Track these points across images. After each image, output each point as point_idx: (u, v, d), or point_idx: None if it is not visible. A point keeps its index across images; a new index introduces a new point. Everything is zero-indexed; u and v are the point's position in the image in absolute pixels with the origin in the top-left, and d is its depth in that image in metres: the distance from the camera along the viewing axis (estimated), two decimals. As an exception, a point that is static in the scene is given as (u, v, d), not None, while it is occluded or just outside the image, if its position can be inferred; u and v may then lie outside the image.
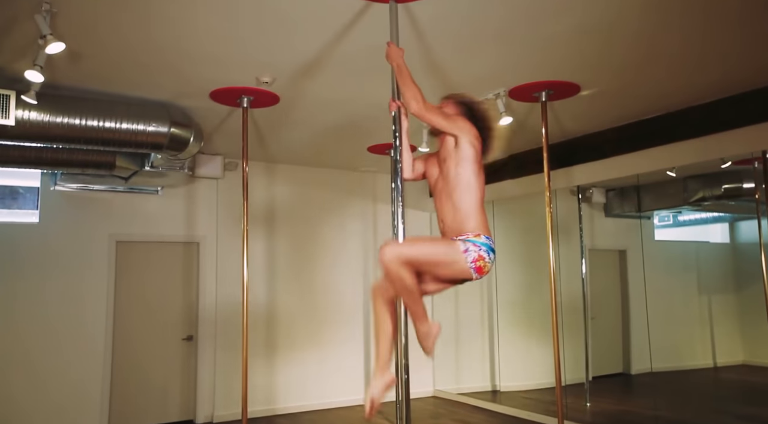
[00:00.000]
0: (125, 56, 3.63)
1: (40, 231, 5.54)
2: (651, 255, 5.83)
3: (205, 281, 6.24)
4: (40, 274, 5.49)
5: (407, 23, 3.15)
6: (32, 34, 3.09)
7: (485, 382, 7.13)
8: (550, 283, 4.28)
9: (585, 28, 3.28)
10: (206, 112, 4.73)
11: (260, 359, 6.35)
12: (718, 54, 3.67)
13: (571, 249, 6.28)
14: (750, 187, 4.82)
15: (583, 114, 4.95)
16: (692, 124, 4.66)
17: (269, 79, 4.02)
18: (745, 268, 5.76)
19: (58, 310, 5.53)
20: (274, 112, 4.76)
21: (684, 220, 6.30)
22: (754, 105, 4.26)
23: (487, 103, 2.56)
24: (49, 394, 5.40)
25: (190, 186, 6.29)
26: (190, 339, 6.16)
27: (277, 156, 6.46)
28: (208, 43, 3.43)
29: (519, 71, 3.97)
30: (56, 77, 3.89)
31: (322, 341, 6.76)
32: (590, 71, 3.97)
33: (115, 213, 5.90)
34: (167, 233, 6.14)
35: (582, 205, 6.24)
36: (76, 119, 4.04)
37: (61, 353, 5.50)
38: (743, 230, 5.89)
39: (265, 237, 6.59)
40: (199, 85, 4.15)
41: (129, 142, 4.30)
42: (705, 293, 6.29)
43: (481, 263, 2.32)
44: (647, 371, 5.78)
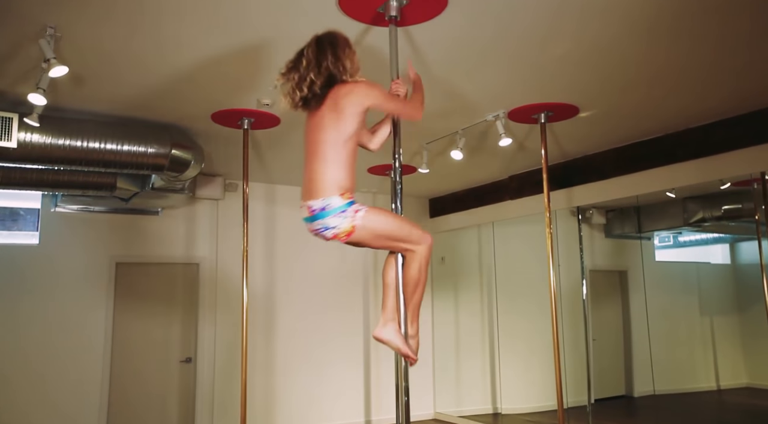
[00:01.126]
0: (127, 79, 3.67)
1: (40, 253, 5.54)
2: (652, 276, 5.81)
3: (205, 302, 6.21)
4: (39, 295, 5.47)
5: (407, 47, 3.19)
6: (36, 58, 3.13)
7: (486, 404, 7.06)
8: (551, 304, 4.26)
9: (583, 51, 3.32)
10: (207, 133, 4.76)
11: (259, 380, 6.29)
12: (716, 77, 3.70)
13: (572, 270, 6.26)
14: (750, 207, 4.82)
15: (583, 135, 4.97)
16: (691, 145, 4.68)
17: (270, 101, 4.05)
18: (746, 289, 5.74)
19: (57, 331, 5.50)
20: (275, 134, 4.79)
21: (684, 241, 6.29)
22: (751, 127, 4.29)
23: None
24: (48, 415, 5.34)
25: (191, 207, 6.30)
26: (188, 361, 6.11)
27: (277, 177, 6.47)
28: (208, 66, 3.47)
29: (518, 93, 4.00)
30: (58, 100, 3.92)
31: (322, 363, 6.70)
32: (588, 93, 4.00)
33: (116, 234, 5.90)
34: (167, 254, 6.13)
35: (582, 225, 6.24)
36: (78, 141, 4.06)
37: (59, 375, 5.45)
38: (744, 250, 5.88)
39: (265, 258, 6.57)
40: (201, 107, 4.18)
41: (130, 164, 4.31)
42: (707, 314, 6.26)
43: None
44: (650, 394, 5.72)
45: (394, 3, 2.69)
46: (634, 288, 6.18)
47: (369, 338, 7.03)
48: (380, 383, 6.96)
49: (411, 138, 4.87)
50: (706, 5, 2.79)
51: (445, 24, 2.96)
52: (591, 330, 6.15)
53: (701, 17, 2.92)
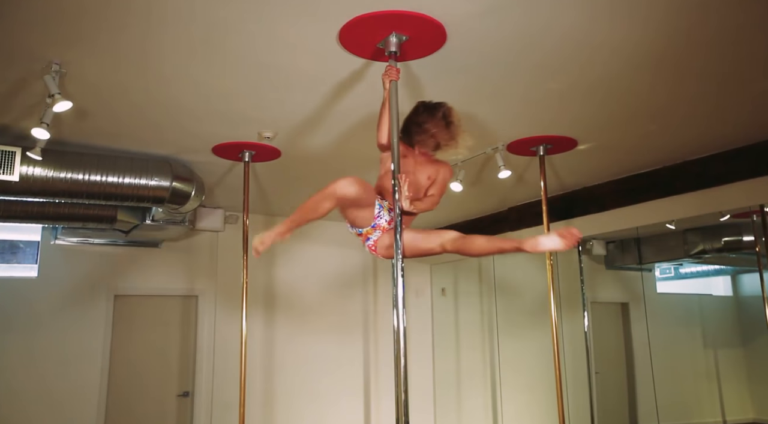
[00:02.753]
0: (129, 113, 3.71)
1: (39, 286, 5.51)
2: (654, 308, 5.77)
3: (203, 336, 6.15)
4: (36, 329, 5.42)
5: (407, 81, 3.23)
6: (40, 94, 3.17)
7: (489, 441, 6.93)
8: (552, 336, 4.22)
9: (581, 85, 3.36)
10: (208, 166, 4.79)
11: (258, 416, 6.19)
12: (717, 112, 3.74)
13: (573, 302, 6.21)
14: (750, 240, 4.82)
15: (582, 167, 5.00)
16: (690, 177, 4.70)
17: (271, 134, 4.09)
18: (749, 321, 5.68)
19: (54, 365, 5.44)
20: (276, 166, 4.81)
21: (685, 272, 6.26)
22: (750, 160, 4.31)
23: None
24: (40, 454, 5.24)
25: (191, 239, 6.29)
26: (186, 395, 6.02)
27: (277, 209, 6.49)
28: (210, 100, 3.51)
29: (517, 126, 4.04)
30: (62, 134, 3.96)
31: (323, 398, 6.60)
32: (587, 126, 4.03)
33: (115, 267, 5.88)
34: (166, 287, 6.10)
35: (582, 257, 6.22)
36: (80, 174, 4.08)
37: (55, 409, 5.37)
38: (746, 282, 5.84)
39: (265, 290, 6.54)
40: (202, 140, 4.21)
41: (131, 197, 4.33)
42: (710, 347, 6.18)
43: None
44: (655, 429, 5.62)
45: (393, 39, 2.74)
46: (636, 320, 6.13)
47: (369, 372, 6.94)
48: (380, 417, 6.84)
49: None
50: (708, 41, 2.83)
51: (444, 58, 3.00)
52: (593, 363, 6.07)
53: (702, 54, 2.95)
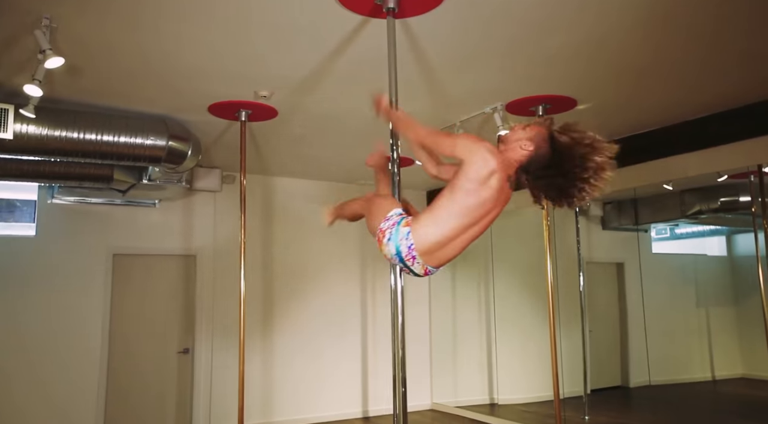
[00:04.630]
0: (124, 71, 3.65)
1: (37, 244, 5.53)
2: (648, 268, 5.84)
3: (203, 294, 6.22)
4: (36, 287, 5.46)
5: (404, 38, 3.17)
6: (32, 49, 3.10)
7: (483, 395, 7.10)
8: (548, 296, 4.28)
9: (581, 44, 3.31)
10: (204, 125, 4.74)
11: (257, 371, 6.32)
12: (713, 70, 3.70)
13: (569, 262, 6.27)
14: (746, 200, 4.84)
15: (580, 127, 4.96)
16: (688, 138, 4.68)
17: (267, 93, 4.04)
18: (742, 281, 5.76)
19: (55, 322, 5.50)
20: (272, 126, 4.77)
21: (681, 233, 6.31)
22: (749, 120, 4.29)
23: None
24: (46, 407, 5.36)
25: (188, 199, 6.29)
26: (186, 352, 6.13)
27: (274, 169, 6.46)
28: (206, 57, 3.45)
29: (516, 85, 4.00)
30: (55, 91, 3.90)
31: (320, 354, 6.72)
32: (587, 86, 3.99)
33: (113, 226, 5.89)
34: (165, 246, 6.13)
35: (579, 218, 6.25)
36: (74, 133, 4.04)
37: (57, 367, 5.46)
38: (740, 243, 5.90)
39: (263, 250, 6.58)
40: (198, 99, 4.16)
41: (127, 156, 4.30)
42: (703, 305, 6.29)
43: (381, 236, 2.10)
44: (645, 384, 5.76)
45: (392, -6, 2.68)
46: (631, 280, 6.21)
47: (366, 329, 7.05)
48: (377, 374, 6.99)
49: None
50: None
51: (442, 16, 2.95)
52: (588, 321, 6.18)
53: (697, 10, 2.91)
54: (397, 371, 5.26)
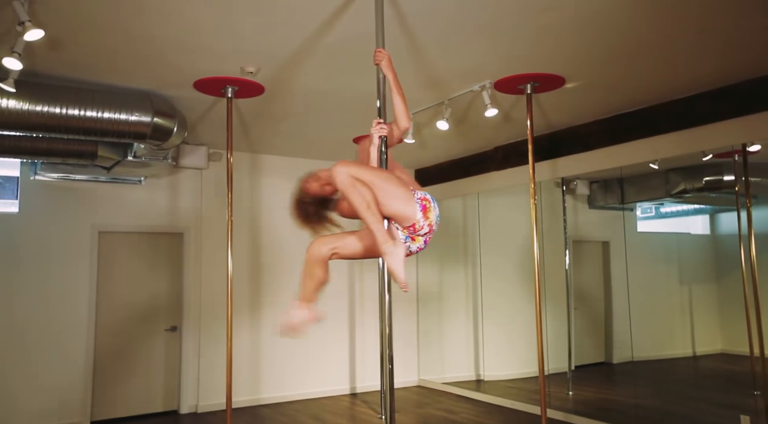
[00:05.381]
0: (106, 44, 3.58)
1: (21, 221, 5.47)
2: (633, 246, 5.90)
3: (189, 272, 6.20)
4: (20, 265, 5.42)
5: (393, 15, 3.14)
6: (10, 21, 3.03)
7: (469, 371, 7.20)
8: (534, 274, 4.32)
9: (570, 21, 3.30)
10: (190, 101, 4.68)
11: (244, 349, 6.35)
12: (700, 49, 3.71)
13: (556, 240, 6.33)
14: (730, 179, 4.89)
15: (568, 107, 4.98)
16: (674, 117, 4.71)
17: (254, 69, 3.99)
18: (724, 258, 5.85)
19: (40, 301, 5.47)
20: (259, 103, 4.73)
21: (666, 212, 6.37)
22: (734, 99, 4.32)
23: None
24: (30, 386, 5.35)
25: (174, 176, 6.24)
26: (174, 330, 6.13)
27: (262, 147, 6.42)
28: (190, 31, 3.39)
29: (505, 63, 3.98)
30: (36, 65, 3.82)
31: (308, 332, 6.74)
32: (575, 64, 3.98)
33: (98, 203, 5.83)
34: (151, 224, 6.09)
35: (566, 196, 6.29)
36: (57, 108, 3.97)
37: (41, 345, 5.45)
38: (723, 221, 5.97)
39: (250, 228, 6.56)
40: (183, 74, 4.10)
41: (111, 132, 4.24)
42: (685, 283, 6.39)
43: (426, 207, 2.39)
44: (628, 361, 5.86)
45: (380, -31, 2.64)
46: (616, 258, 6.28)
47: (354, 306, 7.09)
48: (365, 351, 7.05)
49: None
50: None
51: (432, -9, 2.91)
52: (573, 299, 6.26)
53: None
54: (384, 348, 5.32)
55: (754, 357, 4.63)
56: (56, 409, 5.44)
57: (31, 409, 5.33)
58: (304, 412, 6.07)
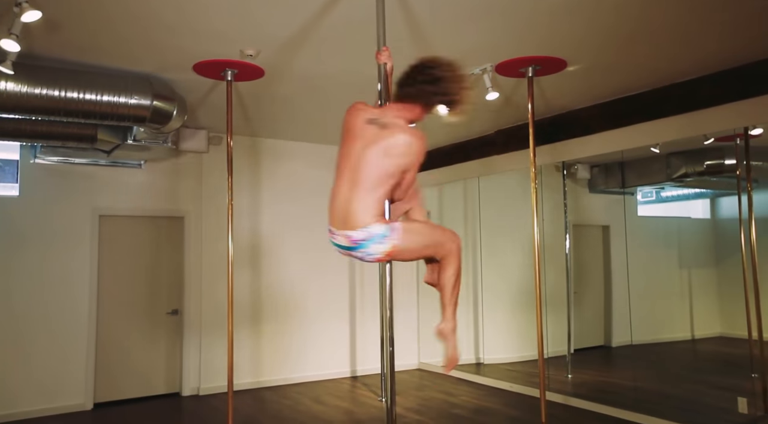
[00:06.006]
0: (105, 26, 3.55)
1: (21, 204, 5.47)
2: (633, 231, 5.91)
3: (190, 256, 6.22)
4: (21, 247, 5.43)
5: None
6: (7, 2, 3.01)
7: (469, 354, 7.24)
8: (534, 258, 4.33)
9: (572, 4, 3.26)
10: (190, 85, 4.66)
11: (246, 332, 6.38)
12: (702, 31, 3.68)
13: (556, 224, 6.33)
14: (731, 163, 4.88)
15: (570, 90, 4.95)
16: (676, 100, 4.68)
17: (254, 52, 3.96)
18: (724, 242, 5.87)
19: (41, 284, 5.49)
20: (259, 86, 4.70)
21: (666, 196, 6.37)
22: (736, 82, 4.29)
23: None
24: (32, 370, 5.39)
25: (174, 160, 6.23)
26: (175, 313, 6.16)
27: (262, 131, 6.40)
28: (190, 13, 3.36)
29: (506, 46, 3.95)
30: (34, 47, 3.80)
31: (308, 315, 6.79)
32: (577, 47, 3.95)
33: (98, 187, 5.83)
34: (151, 208, 6.09)
35: (567, 181, 6.28)
36: (56, 91, 3.96)
37: (43, 328, 5.48)
38: (724, 205, 5.98)
39: (250, 212, 6.56)
40: (182, 57, 4.07)
41: (110, 115, 4.23)
42: (685, 267, 6.41)
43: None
44: (627, 344, 5.91)
45: (380, -49, 2.61)
46: (616, 243, 6.29)
47: (354, 289, 7.12)
48: (366, 334, 7.09)
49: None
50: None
51: (433, -28, 2.88)
52: (573, 283, 6.28)
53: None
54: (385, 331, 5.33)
55: (753, 340, 4.65)
56: (59, 391, 5.49)
57: (34, 391, 5.38)
58: (305, 394, 6.12)
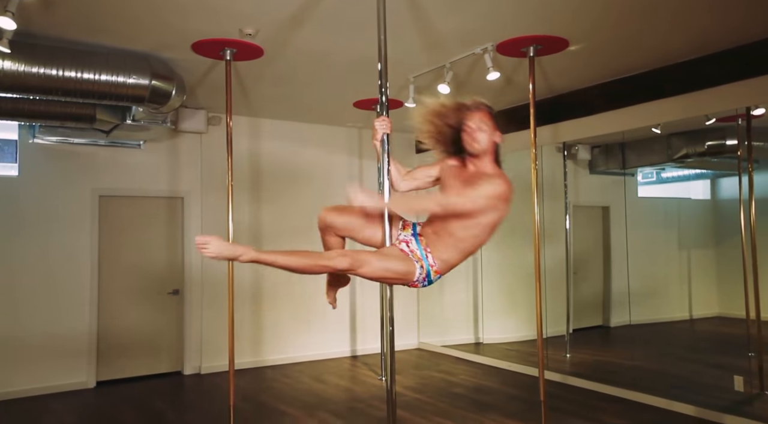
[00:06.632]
0: (102, 4, 3.51)
1: (21, 184, 5.47)
2: (633, 212, 5.91)
3: (190, 236, 6.23)
4: (21, 228, 5.44)
5: (394, -27, 3.07)
6: (4, -20, 2.97)
7: (469, 335, 7.30)
8: (534, 239, 4.34)
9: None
10: (188, 64, 4.62)
11: (246, 312, 6.42)
12: (704, 10, 3.64)
13: (556, 206, 6.34)
14: (732, 144, 4.87)
15: (571, 70, 4.91)
16: (678, 80, 4.65)
17: (252, 30, 3.92)
18: (724, 224, 5.88)
19: (41, 264, 5.51)
20: (258, 66, 4.67)
21: (667, 177, 6.36)
22: (738, 62, 4.26)
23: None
24: (34, 351, 5.44)
25: (173, 140, 6.21)
26: (176, 293, 6.20)
27: (261, 111, 6.37)
28: (188, -9, 3.33)
29: (507, 25, 3.91)
30: (31, 25, 3.76)
31: (309, 295, 6.82)
32: (579, 26, 3.91)
33: (98, 167, 5.82)
34: (151, 188, 6.09)
35: (567, 161, 6.27)
36: (53, 70, 3.93)
37: (45, 308, 5.51)
38: (724, 186, 5.97)
39: (250, 192, 6.56)
40: (181, 36, 4.03)
41: (109, 95, 4.20)
42: (684, 248, 6.42)
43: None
44: (626, 324, 5.95)
45: (381, -76, 2.57)
46: (616, 224, 6.30)
47: (354, 271, 7.14)
48: (366, 315, 7.13)
49: (398, 72, 4.78)
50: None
51: (434, -51, 2.84)
52: (572, 264, 6.30)
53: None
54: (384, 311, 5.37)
55: (750, 320, 4.69)
56: (62, 370, 5.54)
57: (37, 371, 5.43)
58: (305, 373, 6.18)
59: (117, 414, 4.82)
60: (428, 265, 2.25)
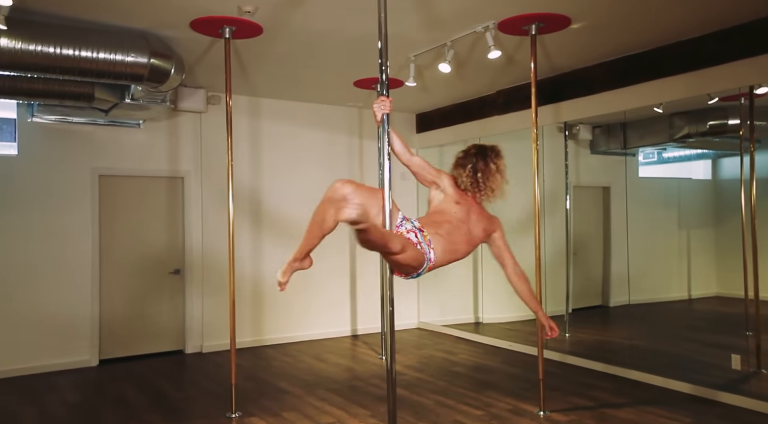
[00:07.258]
0: (99, -19, 3.47)
1: (20, 163, 5.46)
2: (634, 192, 5.91)
3: (191, 216, 6.24)
4: (21, 207, 5.44)
5: (395, -51, 3.03)
6: (-1, -44, 2.93)
7: (468, 314, 7.34)
8: (534, 218, 4.34)
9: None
10: (187, 42, 4.58)
11: (247, 291, 6.45)
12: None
13: (556, 185, 6.33)
14: (734, 123, 4.84)
15: (572, 48, 4.87)
16: (680, 59, 4.61)
17: (252, 8, 3.88)
18: (724, 204, 5.88)
19: (42, 244, 5.52)
20: (258, 44, 4.62)
21: (668, 157, 6.34)
22: (741, 40, 4.21)
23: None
24: (36, 331, 5.47)
25: (173, 120, 6.18)
26: (177, 273, 6.22)
27: (261, 90, 6.32)
28: (186, -33, 3.28)
29: (509, 3, 3.86)
30: (27, 2, 3.72)
31: (309, 275, 6.83)
32: (581, 3, 3.87)
33: (97, 147, 5.80)
34: (151, 168, 6.08)
35: (568, 141, 6.25)
36: (51, 47, 3.89)
37: (47, 287, 5.54)
38: (725, 166, 5.96)
39: (250, 172, 6.55)
40: (179, 13, 3.99)
41: (107, 73, 4.17)
42: (684, 228, 6.43)
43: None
44: (625, 304, 5.98)
45: None
46: (616, 204, 6.30)
47: (355, 249, 7.17)
48: (366, 294, 7.17)
49: (398, 50, 4.74)
50: None
51: (435, -77, 2.80)
52: (572, 244, 6.31)
53: None
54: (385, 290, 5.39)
55: (748, 299, 4.71)
56: (65, 349, 5.58)
57: (40, 349, 5.48)
58: (306, 352, 6.23)
59: (119, 392, 4.87)
60: (428, 259, 2.46)
